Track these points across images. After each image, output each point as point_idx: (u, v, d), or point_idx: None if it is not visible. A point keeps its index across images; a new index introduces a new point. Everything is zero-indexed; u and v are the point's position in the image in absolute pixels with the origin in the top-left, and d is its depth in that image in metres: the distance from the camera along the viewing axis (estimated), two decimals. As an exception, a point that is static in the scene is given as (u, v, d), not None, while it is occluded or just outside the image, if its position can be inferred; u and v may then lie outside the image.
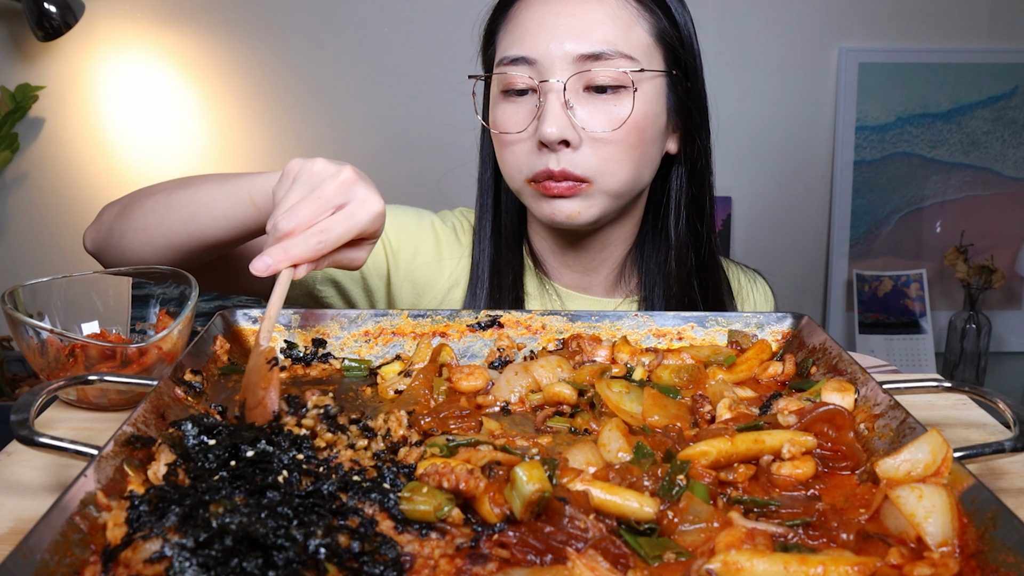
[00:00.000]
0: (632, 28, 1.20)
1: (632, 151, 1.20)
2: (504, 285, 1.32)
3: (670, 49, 1.24)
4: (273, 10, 2.83)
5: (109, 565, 0.58)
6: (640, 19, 1.21)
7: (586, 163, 1.19)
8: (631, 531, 0.65)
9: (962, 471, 0.67)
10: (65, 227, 2.90)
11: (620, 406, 0.88)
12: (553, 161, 1.18)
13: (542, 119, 1.17)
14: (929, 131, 3.03)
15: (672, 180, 1.32)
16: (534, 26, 1.20)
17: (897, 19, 2.96)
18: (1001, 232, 3.10)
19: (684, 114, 1.28)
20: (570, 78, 1.17)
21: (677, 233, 1.31)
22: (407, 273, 1.34)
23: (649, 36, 1.22)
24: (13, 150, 2.80)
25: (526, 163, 1.22)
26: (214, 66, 2.85)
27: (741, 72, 2.98)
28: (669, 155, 1.31)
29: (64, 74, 2.82)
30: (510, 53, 1.21)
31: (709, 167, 1.32)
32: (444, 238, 1.38)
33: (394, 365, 0.99)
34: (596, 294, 1.38)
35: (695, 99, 1.28)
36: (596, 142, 1.18)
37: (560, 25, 1.18)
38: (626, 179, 1.22)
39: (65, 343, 0.95)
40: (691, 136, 1.29)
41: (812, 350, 1.00)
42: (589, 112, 1.18)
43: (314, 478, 0.67)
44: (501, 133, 1.23)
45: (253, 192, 1.09)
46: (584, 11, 1.18)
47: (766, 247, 3.11)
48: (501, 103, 1.24)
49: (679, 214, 1.31)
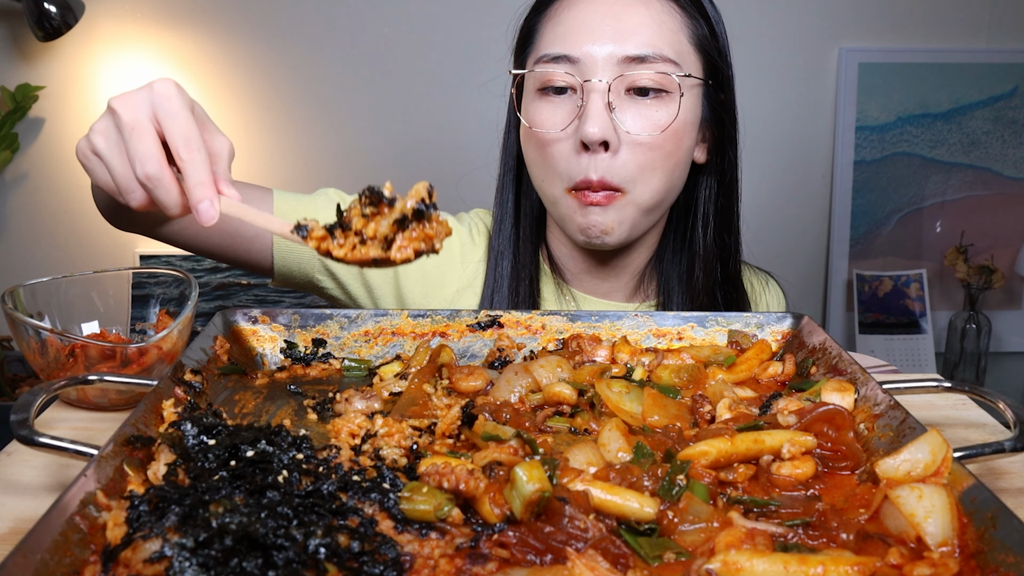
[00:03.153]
0: (676, 34, 1.20)
1: (668, 159, 1.20)
2: (522, 291, 1.31)
3: (708, 58, 1.25)
4: (273, 10, 2.83)
5: (109, 565, 0.58)
6: (684, 26, 1.21)
7: (623, 170, 1.18)
8: (631, 531, 0.65)
9: (962, 471, 0.67)
10: (65, 227, 2.91)
11: (620, 406, 0.88)
12: (592, 169, 1.17)
13: (584, 119, 1.16)
14: (929, 131, 3.03)
15: (700, 191, 1.31)
16: (577, 25, 1.19)
17: (897, 19, 2.96)
18: (1001, 232, 3.10)
19: (715, 125, 1.28)
20: (615, 80, 1.16)
21: (704, 244, 1.30)
22: (420, 270, 1.32)
23: (690, 44, 1.22)
24: (13, 150, 2.80)
25: (565, 169, 1.20)
26: (214, 66, 2.85)
27: (741, 72, 2.95)
28: (696, 165, 1.30)
29: (64, 74, 2.82)
30: (552, 51, 1.20)
31: (737, 179, 1.32)
32: (459, 239, 1.36)
33: (393, 365, 0.99)
34: (616, 299, 1.36)
35: (728, 110, 1.29)
36: (635, 146, 1.18)
37: (604, 26, 1.17)
38: (658, 188, 1.21)
39: (65, 343, 0.95)
40: (721, 147, 1.30)
41: (812, 350, 1.00)
42: (631, 115, 1.18)
43: (314, 478, 0.67)
44: (541, 132, 1.21)
45: None
46: (629, 14, 1.18)
47: (766, 247, 3.10)
48: (538, 101, 1.22)
49: (707, 225, 1.30)
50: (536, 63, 1.22)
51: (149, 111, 0.85)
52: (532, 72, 1.23)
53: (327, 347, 1.04)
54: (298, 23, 2.84)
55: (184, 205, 0.87)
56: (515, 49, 1.31)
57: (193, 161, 0.83)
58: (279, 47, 2.85)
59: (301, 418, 0.88)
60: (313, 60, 2.87)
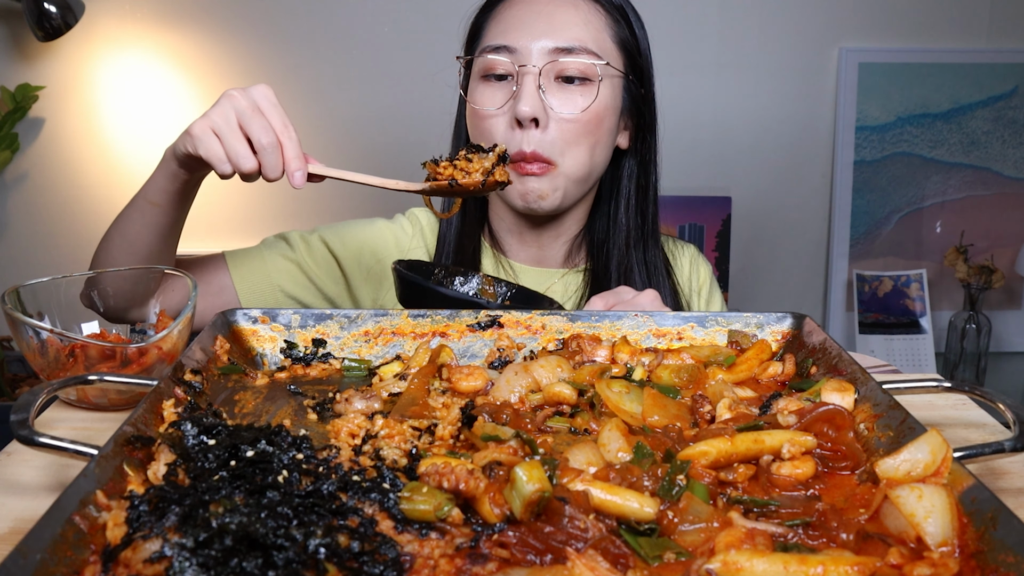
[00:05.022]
0: (600, 32, 1.40)
1: (591, 136, 1.40)
2: (465, 259, 1.50)
3: (630, 56, 1.44)
4: (273, 10, 2.83)
5: (109, 565, 0.58)
6: (607, 26, 1.41)
7: (552, 145, 1.37)
8: (631, 531, 0.65)
9: (962, 471, 0.67)
10: (65, 227, 2.90)
11: (620, 406, 0.88)
12: (526, 143, 1.36)
13: (518, 98, 1.36)
14: (929, 131, 3.03)
15: (623, 172, 1.52)
16: (516, 21, 1.40)
17: (897, 19, 2.95)
18: (1001, 232, 3.10)
19: (635, 115, 1.48)
20: (545, 66, 1.36)
21: (628, 217, 1.51)
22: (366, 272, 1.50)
23: (612, 42, 1.42)
24: (13, 150, 2.80)
25: (500, 138, 1.38)
26: (214, 66, 2.85)
27: (742, 72, 2.98)
28: (619, 150, 1.50)
29: (64, 74, 2.82)
30: (494, 43, 1.40)
31: (655, 161, 1.53)
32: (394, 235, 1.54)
33: (393, 365, 0.99)
34: (551, 266, 1.55)
35: (647, 102, 1.49)
36: (561, 123, 1.37)
37: (539, 22, 1.38)
38: (584, 161, 1.41)
39: (65, 343, 0.95)
40: (642, 134, 1.50)
41: (812, 350, 1.00)
42: (558, 98, 1.37)
43: (314, 478, 0.67)
44: (480, 109, 1.41)
45: (148, 196, 1.25)
46: (560, 13, 1.39)
47: (766, 247, 3.11)
48: (481, 85, 1.42)
49: (628, 200, 1.51)
50: (480, 53, 1.42)
51: (254, 102, 1.13)
52: (477, 60, 1.42)
53: (327, 347, 1.04)
54: (298, 23, 2.84)
55: (281, 170, 1.14)
56: (465, 43, 1.51)
57: (291, 139, 1.14)
58: (279, 47, 2.85)
59: (301, 418, 0.88)
60: (313, 60, 2.87)
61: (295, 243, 1.48)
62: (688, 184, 3.00)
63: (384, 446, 0.78)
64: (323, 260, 1.49)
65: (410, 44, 2.85)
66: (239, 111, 1.13)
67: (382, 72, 2.88)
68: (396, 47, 2.87)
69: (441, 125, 1.59)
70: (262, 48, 2.85)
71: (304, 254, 1.47)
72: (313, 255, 1.48)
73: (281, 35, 2.85)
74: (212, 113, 1.14)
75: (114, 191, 2.87)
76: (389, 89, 2.89)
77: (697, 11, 2.93)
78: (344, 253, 1.50)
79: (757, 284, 3.15)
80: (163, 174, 1.23)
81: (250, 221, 2.92)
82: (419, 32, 2.84)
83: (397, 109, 2.90)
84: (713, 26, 2.93)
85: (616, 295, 1.23)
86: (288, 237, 1.49)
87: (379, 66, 2.88)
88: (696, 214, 3.02)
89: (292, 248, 1.48)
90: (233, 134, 1.13)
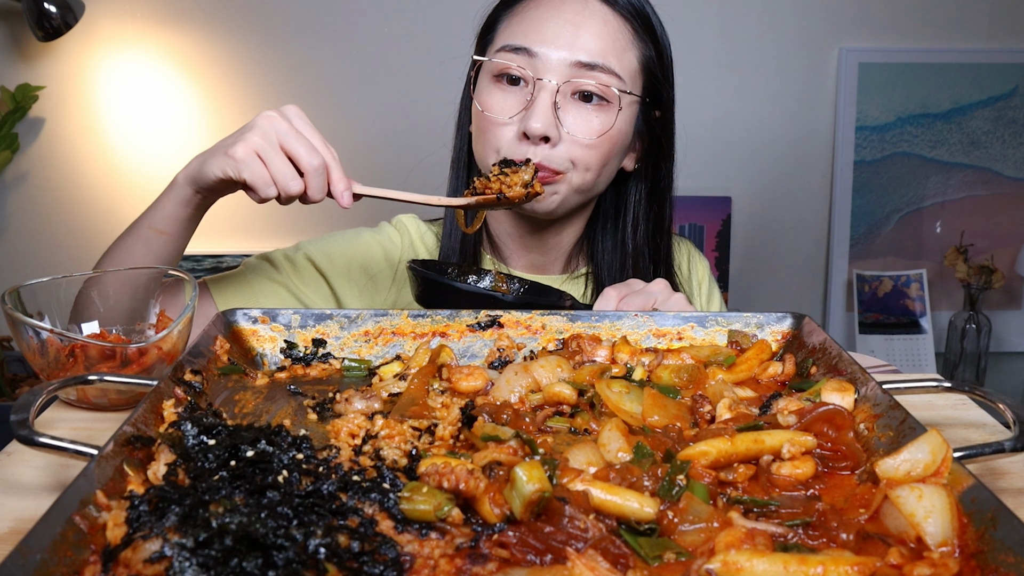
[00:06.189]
0: (626, 51, 1.32)
1: (601, 158, 1.33)
2: (467, 260, 1.46)
3: (651, 78, 1.38)
4: (273, 10, 2.83)
5: (109, 565, 0.58)
6: (633, 46, 1.34)
7: (560, 160, 1.30)
8: (631, 531, 0.65)
9: (962, 471, 0.67)
10: (65, 227, 2.90)
11: (620, 406, 0.88)
12: (532, 154, 1.29)
13: (531, 112, 1.28)
14: (929, 131, 3.03)
15: (630, 194, 1.46)
16: (540, 23, 1.30)
17: (897, 19, 2.95)
18: (1001, 232, 3.10)
19: (647, 138, 1.42)
20: (564, 83, 1.28)
21: (635, 243, 1.45)
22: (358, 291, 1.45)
23: (637, 63, 1.34)
24: (13, 150, 2.80)
25: (506, 147, 1.31)
26: (214, 66, 2.85)
27: (741, 72, 2.98)
28: (624, 171, 1.44)
29: (64, 74, 2.82)
30: (513, 42, 1.31)
31: (671, 189, 1.47)
32: (381, 246, 1.49)
33: (393, 365, 0.99)
34: (550, 273, 1.51)
35: (664, 128, 1.43)
36: (572, 144, 1.30)
37: (564, 31, 1.29)
38: (590, 180, 1.35)
39: (65, 343, 0.95)
40: (654, 159, 1.43)
41: (812, 350, 1.00)
42: (573, 116, 1.30)
43: (314, 478, 0.67)
44: (489, 115, 1.32)
45: (154, 224, 1.20)
46: (588, 25, 1.30)
47: (766, 247, 3.11)
48: (492, 87, 1.34)
49: (637, 226, 1.46)
50: (497, 52, 1.33)
51: (292, 124, 1.11)
52: (493, 59, 1.33)
53: (327, 347, 1.04)
54: (298, 23, 2.84)
55: (325, 191, 1.12)
56: (477, 36, 1.42)
57: (335, 159, 1.12)
58: (279, 47, 2.85)
59: (301, 418, 0.88)
60: (313, 60, 2.87)
61: (280, 264, 1.41)
62: (688, 184, 2.98)
63: (384, 446, 0.78)
64: (310, 279, 1.43)
65: (412, 44, 2.85)
66: (280, 133, 1.10)
67: (383, 72, 2.88)
68: (397, 47, 2.87)
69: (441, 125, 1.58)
70: (262, 48, 2.85)
71: (291, 275, 1.41)
72: (300, 275, 1.42)
73: (281, 35, 2.85)
74: (252, 136, 1.10)
75: (114, 191, 2.87)
76: (390, 89, 2.89)
77: (697, 12, 2.93)
78: (331, 270, 1.44)
79: (757, 284, 3.15)
80: (173, 200, 1.18)
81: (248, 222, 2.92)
82: (421, 32, 2.84)
83: (398, 109, 2.90)
84: (713, 26, 2.93)
85: (628, 286, 1.21)
86: (272, 258, 1.43)
87: (380, 66, 2.88)
88: (696, 214, 3.02)
89: (277, 270, 1.41)
90: (278, 157, 1.10)
